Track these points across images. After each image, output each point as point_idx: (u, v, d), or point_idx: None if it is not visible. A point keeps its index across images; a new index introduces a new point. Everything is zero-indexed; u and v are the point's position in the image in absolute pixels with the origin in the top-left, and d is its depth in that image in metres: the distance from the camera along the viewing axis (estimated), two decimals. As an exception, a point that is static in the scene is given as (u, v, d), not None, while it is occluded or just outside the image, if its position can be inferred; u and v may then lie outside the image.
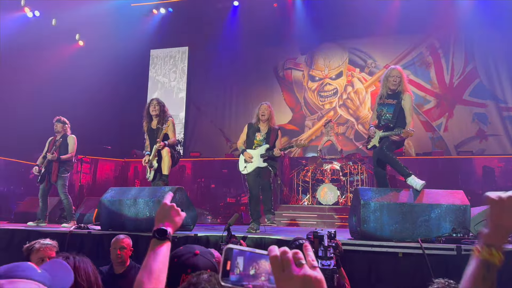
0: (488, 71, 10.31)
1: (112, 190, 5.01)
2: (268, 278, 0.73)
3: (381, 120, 4.49)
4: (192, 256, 1.58)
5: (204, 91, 12.36)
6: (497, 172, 8.41)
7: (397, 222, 3.78)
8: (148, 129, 5.30)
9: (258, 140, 5.13)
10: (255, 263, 0.74)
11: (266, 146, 5.07)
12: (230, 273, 0.74)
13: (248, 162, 5.06)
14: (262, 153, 5.05)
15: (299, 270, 0.70)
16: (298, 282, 0.69)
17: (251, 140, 5.16)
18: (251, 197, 5.14)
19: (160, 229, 1.33)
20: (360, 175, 8.67)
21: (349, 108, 11.36)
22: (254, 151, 5.09)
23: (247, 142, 5.20)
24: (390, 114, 4.40)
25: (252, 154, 5.07)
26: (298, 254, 0.72)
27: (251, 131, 5.21)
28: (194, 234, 4.07)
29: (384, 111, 4.45)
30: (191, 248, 1.63)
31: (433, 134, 10.48)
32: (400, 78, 4.41)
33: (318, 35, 11.30)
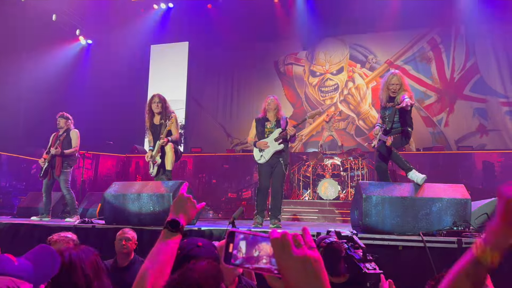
0: (489, 66, 10.32)
1: (115, 185, 5.04)
2: (270, 260, 0.76)
3: (385, 121, 4.60)
4: (195, 247, 1.63)
5: (205, 87, 12.37)
6: (497, 167, 8.45)
7: (398, 215, 3.82)
8: (151, 125, 5.32)
9: (269, 128, 5.10)
10: (257, 245, 0.77)
11: (279, 130, 5.02)
12: (233, 255, 0.76)
13: (264, 150, 4.99)
14: (275, 137, 5.00)
15: (299, 251, 0.73)
16: (298, 262, 0.72)
17: (262, 131, 5.11)
18: (259, 188, 5.08)
19: (173, 220, 1.31)
20: (361, 170, 8.71)
21: (350, 104, 11.38)
22: (267, 139, 5.05)
23: (258, 134, 5.14)
24: (390, 115, 4.53)
25: (266, 140, 5.03)
26: (297, 236, 0.75)
27: (260, 123, 5.17)
28: (197, 228, 4.11)
29: (387, 113, 4.58)
30: (194, 241, 1.67)
31: (433, 129, 10.52)
32: (400, 85, 4.50)
33: (319, 31, 11.30)
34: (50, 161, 5.94)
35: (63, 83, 10.40)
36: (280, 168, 4.99)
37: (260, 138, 5.12)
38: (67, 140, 6.01)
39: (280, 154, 4.98)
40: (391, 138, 4.36)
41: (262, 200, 5.07)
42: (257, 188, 5.18)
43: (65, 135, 6.02)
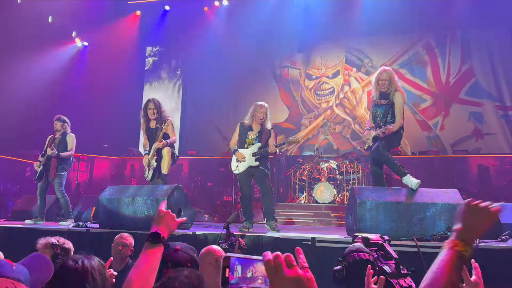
0: (484, 70, 10.37)
1: (110, 189, 5.03)
2: (264, 280, 0.80)
3: (376, 120, 4.60)
4: (172, 252, 1.66)
5: (201, 89, 12.34)
6: (492, 171, 8.49)
7: (392, 220, 3.83)
8: (147, 129, 5.31)
9: (250, 139, 5.05)
10: (251, 267, 0.80)
11: (258, 145, 4.99)
12: (230, 279, 0.80)
13: (240, 162, 4.99)
14: (254, 151, 4.97)
15: (291, 271, 0.77)
16: (290, 282, 0.76)
17: (243, 139, 5.08)
18: (242, 197, 5.09)
19: (154, 233, 1.40)
20: (357, 174, 8.73)
21: (345, 107, 11.40)
22: (245, 150, 5.02)
23: (239, 141, 5.12)
24: (382, 113, 4.52)
25: (244, 153, 5.00)
26: (289, 257, 0.80)
27: (243, 130, 5.14)
28: (192, 233, 4.10)
29: (378, 112, 4.60)
30: (171, 245, 1.71)
31: (429, 133, 10.55)
32: (389, 81, 4.53)
33: (315, 34, 11.32)
34: (45, 164, 5.92)
35: (58, 85, 10.35)
36: (261, 172, 4.96)
37: (240, 146, 5.09)
38: (63, 144, 6.01)
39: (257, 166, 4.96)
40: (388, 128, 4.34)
41: (247, 207, 5.03)
42: (240, 197, 5.17)
43: (61, 138, 6.02)
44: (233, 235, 3.47)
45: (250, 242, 3.93)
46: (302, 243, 3.86)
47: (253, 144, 5.02)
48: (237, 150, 5.06)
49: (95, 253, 4.06)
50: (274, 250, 2.99)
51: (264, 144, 5.00)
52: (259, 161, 4.96)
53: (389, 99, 4.53)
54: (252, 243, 3.94)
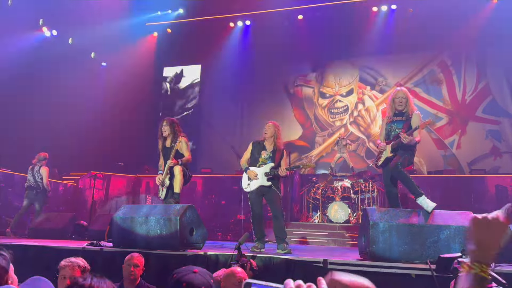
0: (501, 88, 10.26)
1: (124, 208, 5.08)
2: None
3: (391, 136, 4.53)
4: (190, 273, 1.67)
5: (216, 108, 12.52)
6: (510, 191, 8.28)
7: (406, 243, 3.76)
8: (163, 148, 5.38)
9: (263, 158, 5.01)
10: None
11: (271, 165, 4.93)
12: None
13: (252, 180, 4.94)
14: (266, 171, 4.92)
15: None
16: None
17: (256, 158, 5.04)
18: (253, 216, 5.00)
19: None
20: (371, 193, 8.62)
21: (360, 126, 11.37)
22: (258, 169, 4.96)
23: (251, 160, 5.08)
24: (399, 128, 4.45)
25: (257, 172, 4.95)
26: (311, 287, 0.79)
27: (256, 149, 5.09)
28: (203, 253, 4.10)
29: (394, 127, 4.53)
30: (191, 268, 1.73)
31: (445, 151, 10.40)
32: (406, 99, 4.50)
33: (329, 53, 11.43)
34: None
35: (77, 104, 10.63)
36: (273, 193, 4.92)
37: (252, 165, 5.04)
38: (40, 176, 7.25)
39: (269, 186, 4.91)
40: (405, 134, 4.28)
41: (258, 227, 4.94)
42: (251, 217, 5.07)
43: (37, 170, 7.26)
44: (245, 256, 3.46)
45: (261, 263, 3.91)
46: (314, 265, 3.83)
47: (265, 164, 4.99)
48: (249, 168, 5.02)
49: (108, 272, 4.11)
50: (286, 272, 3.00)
51: (277, 164, 4.96)
52: (271, 181, 4.92)
53: (406, 116, 4.49)
54: (263, 264, 3.92)
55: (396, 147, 4.42)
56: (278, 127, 5.13)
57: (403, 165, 4.34)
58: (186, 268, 1.73)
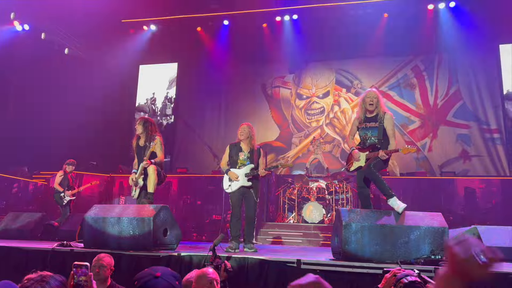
0: (471, 93, 10.60)
1: (96, 208, 4.99)
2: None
3: (366, 143, 4.58)
4: (152, 278, 1.62)
5: (193, 107, 12.44)
6: (478, 193, 8.58)
7: (377, 243, 3.84)
8: (136, 147, 5.32)
9: (242, 159, 5.22)
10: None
11: (251, 166, 5.16)
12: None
13: (233, 181, 5.14)
14: (246, 172, 5.14)
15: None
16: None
17: (235, 160, 5.24)
18: (233, 215, 5.21)
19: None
20: (345, 194, 8.75)
21: (335, 127, 11.53)
22: (238, 171, 5.18)
23: (231, 162, 5.27)
24: (375, 137, 4.50)
25: (237, 173, 5.15)
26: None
27: (234, 151, 5.29)
28: (177, 254, 4.07)
29: (369, 134, 4.54)
30: (154, 271, 1.67)
31: (417, 154, 10.67)
32: (376, 99, 4.53)
33: (306, 55, 11.55)
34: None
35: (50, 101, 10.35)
36: (251, 197, 5.17)
37: (232, 166, 5.25)
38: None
39: (249, 187, 5.16)
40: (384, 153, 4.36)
41: (236, 227, 5.15)
42: (230, 216, 5.29)
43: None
44: (219, 257, 3.45)
45: (236, 264, 3.91)
46: (288, 265, 3.86)
47: (244, 165, 5.19)
48: (230, 170, 5.21)
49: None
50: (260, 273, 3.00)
51: (256, 164, 5.21)
52: (251, 182, 5.14)
53: (378, 121, 4.54)
54: (238, 265, 3.92)
55: (371, 157, 4.46)
56: (252, 128, 5.35)
57: (377, 167, 4.42)
58: (149, 271, 1.68)
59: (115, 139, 11.00)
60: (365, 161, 4.48)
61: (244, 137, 5.21)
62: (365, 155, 4.50)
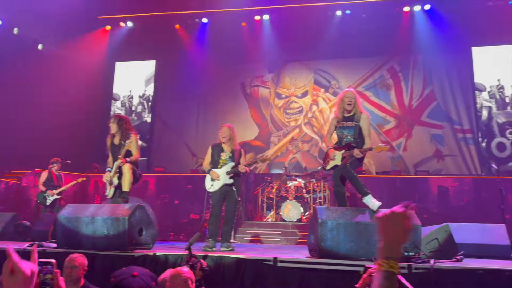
0: (444, 94, 10.87)
1: (70, 207, 4.89)
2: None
3: (342, 142, 4.67)
4: (129, 276, 1.61)
5: (171, 106, 12.30)
6: (451, 192, 8.81)
7: (352, 240, 3.90)
8: (111, 145, 5.23)
9: (223, 159, 5.31)
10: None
11: (232, 164, 5.26)
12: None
13: (215, 180, 5.21)
14: (228, 170, 5.23)
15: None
16: None
17: (216, 160, 5.32)
18: (212, 213, 5.25)
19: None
20: (323, 192, 8.86)
21: (313, 127, 11.63)
22: (219, 170, 5.26)
23: (212, 163, 5.35)
24: (352, 136, 4.60)
25: (218, 172, 5.24)
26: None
27: (216, 151, 5.38)
28: (153, 253, 4.02)
29: (345, 133, 4.64)
30: (131, 270, 1.65)
31: (393, 153, 10.88)
32: (354, 99, 4.64)
33: (285, 55, 11.61)
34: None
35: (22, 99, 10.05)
36: (233, 195, 5.25)
37: (214, 166, 5.33)
38: None
39: (231, 185, 5.24)
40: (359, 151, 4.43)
41: (214, 225, 5.20)
42: (210, 213, 5.32)
43: None
44: (195, 256, 3.43)
45: (212, 263, 3.89)
46: (264, 264, 3.87)
47: (226, 164, 5.29)
48: (211, 169, 5.29)
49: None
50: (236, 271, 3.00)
51: (237, 163, 5.30)
52: (233, 179, 5.23)
53: (355, 120, 4.63)
54: (214, 264, 3.91)
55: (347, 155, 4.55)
56: (233, 129, 5.47)
57: (352, 166, 4.50)
58: (126, 270, 1.66)
59: (90, 137, 10.76)
60: (341, 160, 4.56)
61: (226, 140, 5.31)
62: (341, 154, 4.59)
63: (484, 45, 10.60)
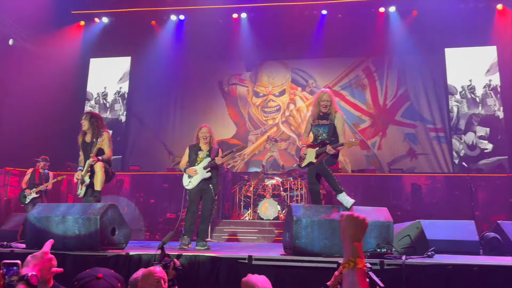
0: (418, 94, 11.13)
1: (39, 206, 4.75)
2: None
3: (317, 139, 4.73)
4: (93, 279, 1.57)
5: (147, 103, 12.11)
6: (424, 189, 9.03)
7: (326, 237, 3.94)
8: (82, 143, 5.10)
9: (201, 157, 5.32)
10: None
11: (208, 159, 5.27)
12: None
13: (192, 177, 5.20)
14: (204, 165, 5.23)
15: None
16: None
17: (194, 159, 5.32)
18: (188, 210, 5.23)
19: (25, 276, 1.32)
20: (300, 191, 8.92)
21: (291, 125, 11.70)
22: (197, 166, 5.26)
23: (190, 162, 5.34)
24: (326, 133, 4.67)
25: (195, 168, 5.24)
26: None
27: (193, 151, 5.38)
28: (125, 253, 3.95)
29: (320, 131, 4.72)
30: (96, 272, 1.61)
31: (368, 152, 11.07)
32: (330, 102, 4.72)
33: (263, 53, 11.62)
34: None
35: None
36: (210, 193, 5.24)
37: (191, 165, 5.32)
38: None
39: (209, 180, 5.23)
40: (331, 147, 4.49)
41: (189, 222, 5.18)
42: (186, 210, 5.30)
43: None
44: (168, 256, 3.39)
45: (187, 261, 3.85)
46: (239, 262, 3.86)
47: (203, 161, 5.29)
48: (188, 167, 5.29)
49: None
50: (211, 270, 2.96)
51: (214, 158, 5.30)
52: (211, 173, 5.22)
53: (330, 119, 4.70)
54: (188, 262, 3.87)
55: (321, 152, 4.60)
56: (211, 129, 5.50)
57: (328, 163, 4.56)
58: (90, 272, 1.61)
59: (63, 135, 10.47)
60: (315, 157, 4.61)
61: (207, 140, 5.34)
62: (315, 151, 4.64)
63: (456, 46, 10.89)
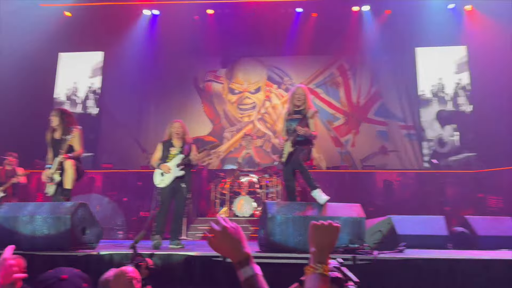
0: (390, 92, 11.38)
1: (6, 206, 4.59)
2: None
3: (289, 133, 4.79)
4: (56, 281, 1.52)
5: (120, 99, 11.82)
6: (395, 185, 9.25)
7: (301, 234, 3.98)
8: (51, 140, 4.95)
9: (173, 154, 5.21)
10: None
11: (182, 156, 5.17)
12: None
13: (165, 174, 5.09)
14: (178, 162, 5.13)
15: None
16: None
17: (166, 155, 5.22)
18: (160, 210, 5.12)
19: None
20: (276, 188, 8.95)
21: (266, 122, 11.73)
22: (170, 163, 5.15)
23: (162, 158, 5.24)
24: (296, 124, 4.74)
25: (169, 165, 5.13)
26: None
27: (165, 147, 5.27)
28: (96, 253, 3.87)
29: (293, 125, 4.77)
30: (60, 272, 1.57)
31: (341, 149, 11.25)
32: (304, 96, 4.80)
33: (239, 50, 11.60)
34: None
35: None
36: (182, 192, 5.15)
37: (163, 162, 5.20)
38: None
39: (182, 178, 5.13)
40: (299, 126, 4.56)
41: (161, 222, 5.09)
42: (158, 211, 5.19)
43: None
44: (140, 255, 3.33)
45: (160, 261, 3.81)
46: (213, 260, 3.84)
47: (175, 158, 5.18)
48: (161, 163, 5.16)
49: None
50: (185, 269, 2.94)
51: (187, 155, 5.21)
52: (184, 171, 5.13)
53: (302, 114, 4.76)
54: (162, 262, 3.82)
55: (294, 141, 4.67)
56: (184, 125, 5.40)
57: (304, 159, 4.63)
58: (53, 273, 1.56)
59: (31, 132, 10.12)
60: (291, 146, 4.67)
61: (180, 136, 5.23)
62: (290, 142, 4.70)
63: (427, 46, 11.18)
